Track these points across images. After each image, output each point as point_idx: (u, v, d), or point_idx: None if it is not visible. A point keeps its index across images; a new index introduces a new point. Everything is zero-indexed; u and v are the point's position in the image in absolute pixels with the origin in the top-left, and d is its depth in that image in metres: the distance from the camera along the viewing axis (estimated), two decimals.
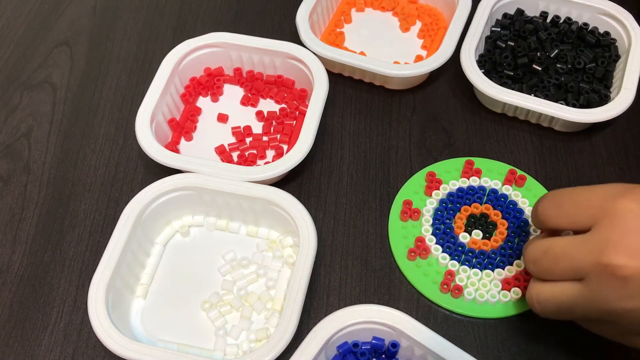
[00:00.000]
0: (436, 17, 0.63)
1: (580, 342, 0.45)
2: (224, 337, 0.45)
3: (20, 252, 0.50)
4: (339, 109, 0.57)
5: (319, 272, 0.48)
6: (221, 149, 0.54)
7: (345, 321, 0.42)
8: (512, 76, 0.56)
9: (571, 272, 0.38)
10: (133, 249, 0.47)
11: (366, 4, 0.65)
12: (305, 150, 0.50)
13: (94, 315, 0.43)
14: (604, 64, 0.56)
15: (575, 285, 0.38)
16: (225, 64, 0.59)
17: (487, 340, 0.45)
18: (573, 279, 0.38)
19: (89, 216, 0.52)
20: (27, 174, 0.54)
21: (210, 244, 0.50)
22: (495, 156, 0.54)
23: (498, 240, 0.48)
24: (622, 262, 0.36)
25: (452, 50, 0.56)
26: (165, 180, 0.49)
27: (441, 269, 0.48)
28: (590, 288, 0.37)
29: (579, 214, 0.39)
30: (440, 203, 0.51)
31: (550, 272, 0.39)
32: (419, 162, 0.54)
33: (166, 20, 0.65)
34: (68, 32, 0.64)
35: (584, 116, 0.52)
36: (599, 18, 0.59)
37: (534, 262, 0.40)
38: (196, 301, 0.47)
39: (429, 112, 0.57)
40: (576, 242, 0.38)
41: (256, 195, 0.47)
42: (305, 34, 0.57)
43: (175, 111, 0.56)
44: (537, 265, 0.40)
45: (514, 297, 0.46)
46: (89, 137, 0.56)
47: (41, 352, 0.45)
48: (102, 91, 0.60)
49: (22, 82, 0.60)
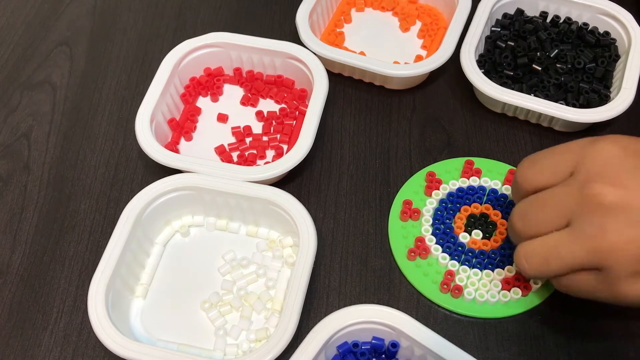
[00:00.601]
0: (436, 17, 0.63)
1: (580, 342, 0.45)
2: (224, 337, 0.45)
3: (20, 252, 0.50)
4: (338, 109, 0.57)
5: (319, 272, 0.48)
6: (221, 149, 0.54)
7: (345, 321, 0.42)
8: (512, 76, 0.56)
9: (558, 216, 0.38)
10: (133, 249, 0.47)
11: (366, 4, 0.65)
12: (305, 150, 0.50)
13: (93, 315, 0.43)
14: (603, 64, 0.56)
15: (562, 231, 0.38)
16: (225, 64, 0.59)
17: (487, 340, 0.45)
18: (560, 228, 0.38)
19: (89, 216, 0.52)
20: (27, 174, 0.54)
21: (210, 244, 0.50)
22: (495, 156, 0.54)
23: (498, 240, 0.48)
24: (605, 190, 0.36)
25: (452, 50, 0.56)
26: (165, 180, 0.49)
27: (441, 269, 0.48)
28: (577, 227, 0.37)
29: (559, 164, 0.40)
30: (440, 203, 0.51)
31: (537, 222, 0.39)
32: (419, 162, 0.54)
33: (166, 20, 0.65)
34: (68, 32, 0.64)
35: (584, 116, 0.52)
36: (599, 18, 0.59)
37: (521, 217, 0.40)
38: (196, 301, 0.47)
39: (428, 112, 0.57)
40: (560, 187, 0.39)
41: (256, 195, 0.47)
42: (305, 34, 0.57)
43: (175, 111, 0.56)
44: (524, 218, 0.40)
45: (514, 297, 0.46)
46: (88, 137, 0.56)
47: (41, 352, 0.45)
48: (102, 91, 0.60)
49: (22, 82, 0.60)
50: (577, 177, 0.38)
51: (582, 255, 0.37)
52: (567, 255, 0.38)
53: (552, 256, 0.39)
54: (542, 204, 0.39)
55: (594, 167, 0.38)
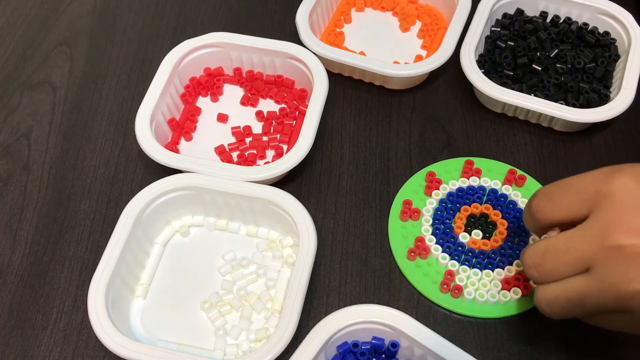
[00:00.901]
0: (436, 17, 0.63)
1: (580, 342, 0.45)
2: (224, 337, 0.45)
3: (20, 252, 0.50)
4: (338, 109, 0.57)
5: (319, 272, 0.48)
6: (221, 149, 0.54)
7: (345, 321, 0.42)
8: (512, 76, 0.56)
9: (576, 264, 0.37)
10: (133, 249, 0.47)
11: (366, 4, 0.65)
12: (305, 150, 0.50)
13: (93, 315, 0.43)
14: (603, 64, 0.56)
15: (582, 277, 0.37)
16: (225, 64, 0.59)
17: (487, 340, 0.45)
18: (578, 272, 0.37)
19: (89, 216, 0.52)
20: (27, 174, 0.54)
21: (210, 244, 0.50)
22: (495, 156, 0.54)
23: (498, 240, 0.48)
24: (628, 241, 0.35)
25: (452, 50, 0.56)
26: (165, 180, 0.49)
27: (441, 269, 0.48)
28: (598, 276, 0.36)
29: (575, 202, 0.38)
30: (440, 203, 0.51)
31: (554, 271, 0.38)
32: (419, 162, 0.54)
33: (166, 20, 0.65)
34: (68, 32, 0.64)
35: (583, 116, 0.52)
36: (598, 18, 0.59)
37: (535, 266, 0.39)
38: (196, 301, 0.47)
39: (428, 112, 0.57)
40: (576, 233, 0.37)
41: (256, 195, 0.47)
42: (305, 34, 0.57)
43: (175, 111, 0.56)
44: (539, 268, 0.38)
45: (513, 297, 0.46)
46: (88, 137, 0.56)
47: (41, 352, 0.45)
48: (102, 91, 0.60)
49: (22, 82, 0.60)
50: (596, 222, 0.36)
51: (605, 303, 0.37)
52: (591, 303, 0.37)
53: (576, 305, 0.38)
54: (558, 252, 0.37)
55: (614, 214, 0.36)
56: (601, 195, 0.37)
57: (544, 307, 0.39)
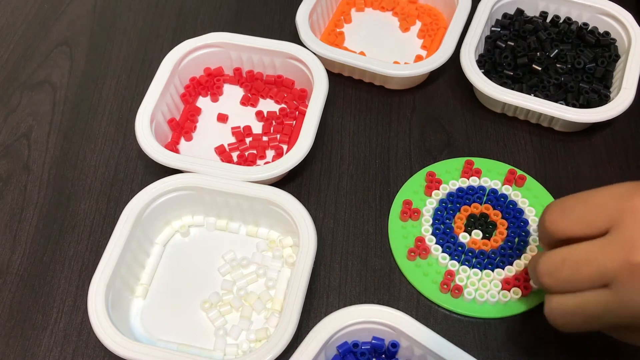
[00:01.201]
0: (436, 17, 0.63)
1: (580, 342, 0.45)
2: (224, 337, 0.45)
3: (20, 252, 0.50)
4: (338, 109, 0.57)
5: (318, 272, 0.48)
6: (221, 149, 0.54)
7: (345, 321, 0.42)
8: (512, 76, 0.56)
9: (595, 278, 0.35)
10: (133, 249, 0.47)
11: (366, 4, 0.65)
12: (305, 150, 0.50)
13: (93, 315, 0.43)
14: (603, 64, 0.56)
15: (601, 292, 0.35)
16: (225, 64, 0.59)
17: (487, 340, 0.45)
18: (595, 287, 0.36)
19: (89, 216, 0.52)
20: (27, 174, 0.54)
21: (210, 244, 0.50)
22: (495, 156, 0.54)
23: (498, 240, 0.48)
24: None
25: (452, 50, 0.56)
26: (165, 180, 0.49)
27: (441, 269, 0.48)
28: (620, 292, 0.35)
29: (593, 217, 0.36)
30: (440, 203, 0.51)
31: (572, 282, 0.36)
32: (419, 162, 0.54)
33: (166, 20, 0.65)
34: (68, 32, 0.64)
35: (583, 116, 0.52)
36: (598, 18, 0.59)
37: (551, 274, 0.37)
38: (196, 301, 0.47)
39: (428, 112, 0.57)
40: (597, 246, 0.36)
41: (256, 195, 0.47)
42: (305, 34, 0.57)
43: (175, 111, 0.56)
44: (555, 277, 0.37)
45: (513, 297, 0.46)
46: (88, 137, 0.56)
47: (41, 352, 0.45)
48: (102, 91, 0.60)
49: (22, 82, 0.60)
50: (618, 237, 0.35)
51: (626, 319, 0.36)
52: (610, 319, 0.36)
53: (593, 320, 0.37)
54: (578, 263, 0.36)
55: (637, 230, 0.35)
56: (624, 211, 0.36)
57: (556, 319, 0.38)
